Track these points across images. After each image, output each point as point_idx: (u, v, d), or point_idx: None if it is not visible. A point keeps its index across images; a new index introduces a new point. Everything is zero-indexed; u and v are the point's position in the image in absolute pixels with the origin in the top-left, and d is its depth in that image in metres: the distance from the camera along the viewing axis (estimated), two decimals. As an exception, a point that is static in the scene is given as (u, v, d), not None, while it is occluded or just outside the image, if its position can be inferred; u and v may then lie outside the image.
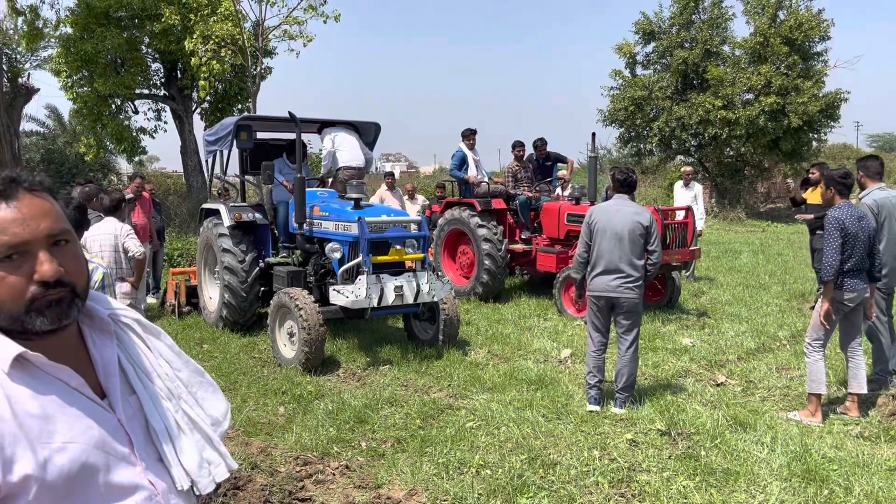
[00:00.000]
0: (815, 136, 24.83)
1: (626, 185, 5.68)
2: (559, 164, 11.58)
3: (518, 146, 10.94)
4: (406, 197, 13.81)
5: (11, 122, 20.32)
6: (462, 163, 10.62)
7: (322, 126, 8.67)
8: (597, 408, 5.52)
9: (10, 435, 1.12)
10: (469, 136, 10.61)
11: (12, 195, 1.21)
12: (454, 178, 10.89)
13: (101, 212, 6.43)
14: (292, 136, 8.84)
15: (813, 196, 8.95)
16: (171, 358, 1.46)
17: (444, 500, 4.05)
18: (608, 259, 5.48)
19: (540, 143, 11.16)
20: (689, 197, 11.67)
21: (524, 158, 11.01)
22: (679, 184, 12.18)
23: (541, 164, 11.22)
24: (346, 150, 8.45)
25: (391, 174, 14.28)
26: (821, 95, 23.25)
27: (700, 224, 11.08)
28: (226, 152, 8.75)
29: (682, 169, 12.63)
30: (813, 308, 5.78)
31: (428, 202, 15.79)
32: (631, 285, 5.48)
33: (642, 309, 5.71)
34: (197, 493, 1.35)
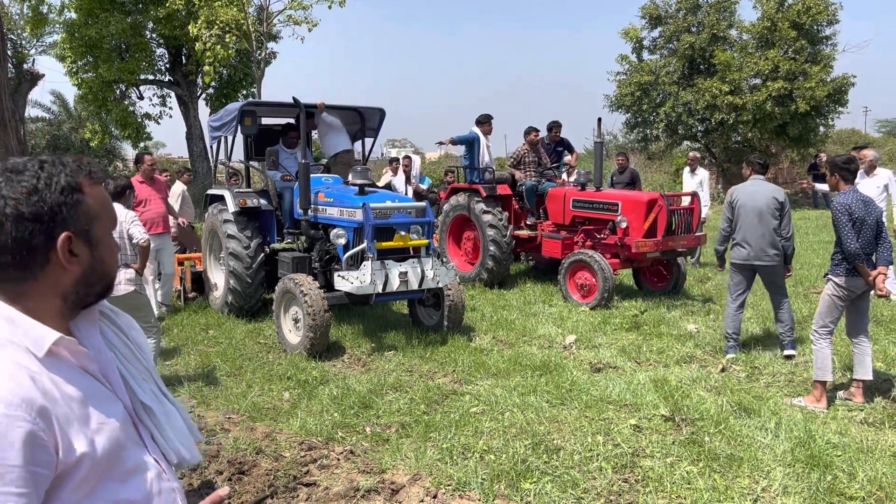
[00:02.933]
0: (823, 121, 24.62)
1: (764, 168, 6.62)
2: (566, 152, 11.53)
3: (532, 131, 10.79)
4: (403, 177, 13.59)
5: (17, 107, 20.30)
6: (471, 142, 10.43)
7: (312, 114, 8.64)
8: (733, 355, 6.49)
9: (64, 416, 1.18)
10: (485, 122, 10.50)
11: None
12: (456, 141, 10.52)
13: None
14: (291, 119, 8.84)
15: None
16: (142, 343, 1.52)
17: (448, 485, 4.07)
18: (750, 232, 6.28)
19: (554, 126, 11.09)
20: (695, 183, 11.60)
21: (537, 144, 10.90)
22: (686, 170, 12.11)
23: (553, 147, 11.16)
24: (331, 135, 8.61)
25: (397, 160, 14.20)
26: (828, 80, 23.05)
27: (705, 211, 11.03)
28: (230, 138, 8.74)
29: (689, 155, 12.55)
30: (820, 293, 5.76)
31: (435, 188, 15.74)
32: (771, 253, 6.27)
33: (782, 271, 6.47)
34: (186, 465, 1.43)
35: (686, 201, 9.28)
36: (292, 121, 9.13)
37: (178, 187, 10.42)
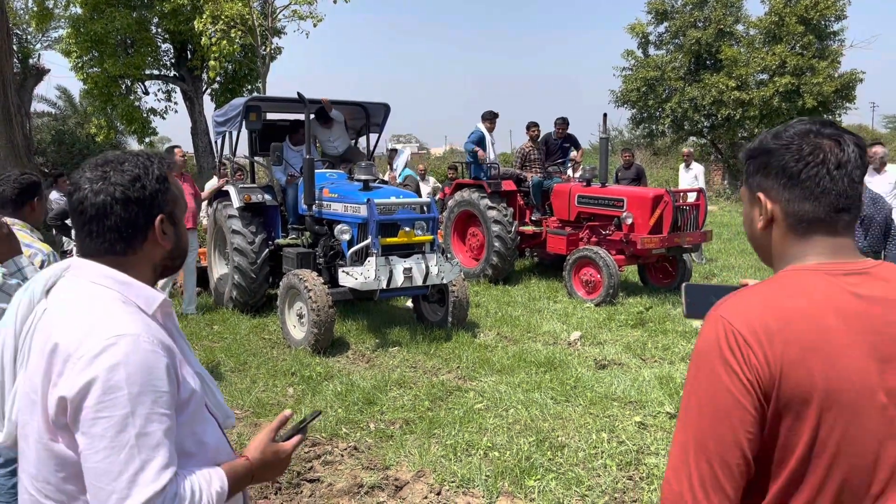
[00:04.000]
0: (830, 116, 24.50)
1: None
2: (572, 148, 11.48)
3: (533, 126, 10.84)
4: (418, 178, 13.75)
5: (22, 102, 20.34)
6: (479, 141, 10.50)
7: (320, 111, 8.60)
8: None
9: (178, 358, 1.44)
10: (490, 118, 10.52)
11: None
12: (466, 150, 10.67)
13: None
14: (299, 116, 8.81)
15: None
16: None
17: (452, 482, 4.06)
18: None
19: (561, 122, 11.07)
20: (690, 177, 11.60)
21: (538, 139, 10.93)
22: (682, 165, 12.12)
23: (560, 143, 11.14)
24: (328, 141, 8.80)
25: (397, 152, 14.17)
26: (836, 76, 22.93)
27: None
28: (235, 133, 8.73)
29: (683, 150, 12.56)
30: None
31: (439, 185, 15.74)
32: None
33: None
34: (227, 427, 1.66)
35: (692, 197, 9.24)
36: (301, 117, 9.10)
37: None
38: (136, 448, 1.28)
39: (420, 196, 9.64)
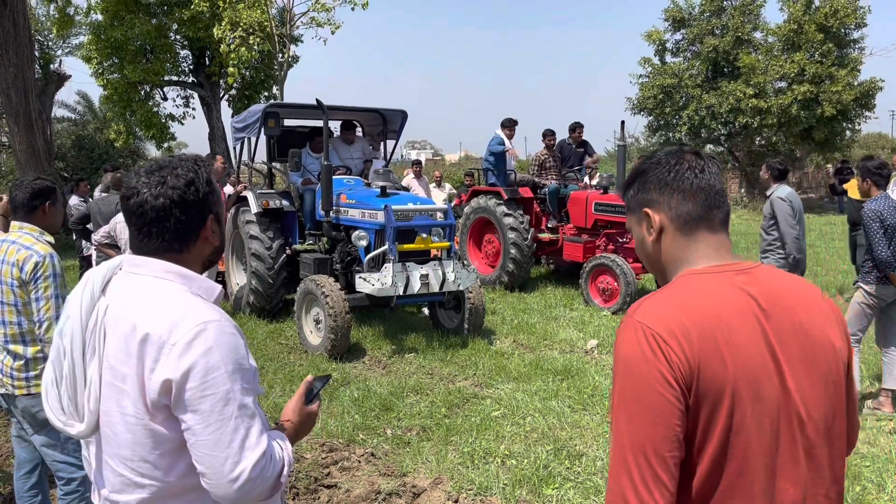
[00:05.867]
0: (850, 125, 24.30)
1: (784, 174, 6.25)
2: (587, 154, 11.46)
3: (549, 135, 10.83)
4: (433, 184, 13.77)
5: (43, 108, 20.57)
6: (501, 146, 10.49)
7: (344, 123, 8.71)
8: None
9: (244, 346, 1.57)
10: (509, 126, 10.51)
11: None
12: (494, 152, 10.53)
13: (120, 201, 6.47)
14: (318, 123, 8.86)
15: (851, 188, 8.74)
16: None
17: (470, 490, 4.04)
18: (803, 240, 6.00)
19: (576, 127, 11.05)
20: None
21: (553, 147, 10.91)
22: None
23: (574, 148, 11.11)
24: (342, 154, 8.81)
25: (419, 162, 14.23)
26: (855, 84, 22.73)
27: None
28: (253, 139, 8.79)
29: None
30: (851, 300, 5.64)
31: (455, 191, 15.76)
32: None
33: None
34: None
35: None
36: (320, 124, 9.17)
37: None
38: (240, 418, 1.47)
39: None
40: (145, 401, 1.48)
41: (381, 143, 9.58)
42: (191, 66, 22.58)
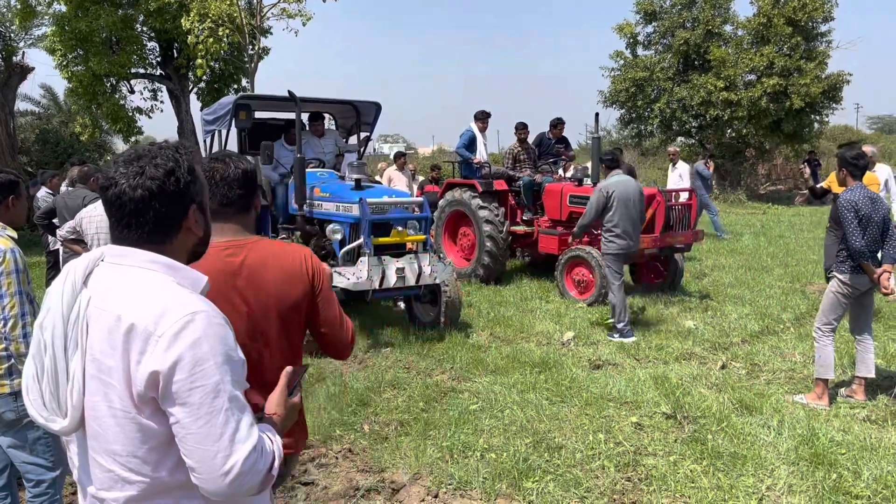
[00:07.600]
0: (817, 117, 24.64)
1: (616, 163, 7.45)
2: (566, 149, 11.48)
3: (521, 128, 10.80)
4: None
5: (6, 101, 20.09)
6: (471, 143, 10.47)
7: (312, 115, 8.59)
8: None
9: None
10: (482, 118, 10.50)
11: None
12: (461, 156, 10.66)
13: (98, 192, 6.31)
14: (292, 115, 8.72)
15: (832, 184, 8.82)
16: None
17: (450, 484, 4.00)
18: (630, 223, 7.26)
19: (558, 123, 11.05)
20: (675, 176, 11.66)
21: (526, 140, 10.89)
22: (670, 165, 12.24)
23: (553, 143, 11.11)
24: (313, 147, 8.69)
25: (402, 154, 13.99)
26: (823, 77, 23.05)
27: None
28: (224, 132, 8.63)
29: (669, 150, 12.68)
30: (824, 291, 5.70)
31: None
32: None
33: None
34: None
35: (684, 197, 9.23)
36: (293, 116, 9.03)
37: None
38: (230, 411, 1.44)
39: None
40: (132, 394, 1.44)
41: (356, 136, 9.48)
42: (158, 59, 22.15)
